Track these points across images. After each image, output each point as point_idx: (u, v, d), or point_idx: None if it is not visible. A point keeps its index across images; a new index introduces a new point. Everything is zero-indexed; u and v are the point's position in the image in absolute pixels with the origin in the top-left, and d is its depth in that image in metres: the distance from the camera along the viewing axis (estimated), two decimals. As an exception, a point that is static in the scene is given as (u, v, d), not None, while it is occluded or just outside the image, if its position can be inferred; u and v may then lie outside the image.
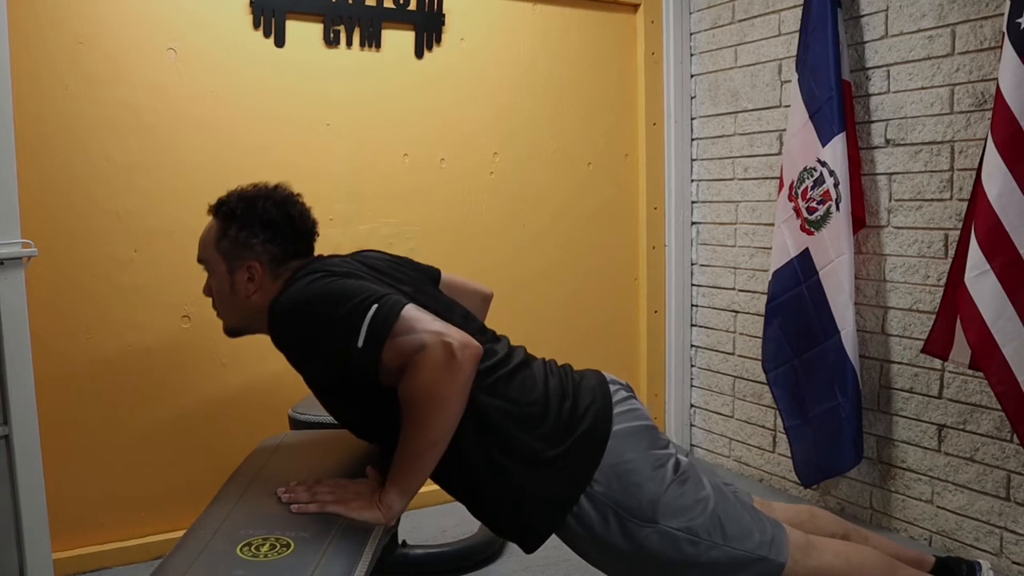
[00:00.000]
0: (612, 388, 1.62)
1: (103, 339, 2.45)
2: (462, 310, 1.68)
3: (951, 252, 2.37)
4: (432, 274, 1.80)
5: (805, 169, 2.63)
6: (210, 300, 1.68)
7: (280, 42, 2.61)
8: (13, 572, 2.19)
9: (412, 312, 1.40)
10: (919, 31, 2.44)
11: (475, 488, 1.56)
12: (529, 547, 1.58)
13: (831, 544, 1.63)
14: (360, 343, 1.38)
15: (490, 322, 1.93)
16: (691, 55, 3.30)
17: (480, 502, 1.59)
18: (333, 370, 1.47)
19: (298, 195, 1.69)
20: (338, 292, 1.44)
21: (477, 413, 1.48)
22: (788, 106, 2.81)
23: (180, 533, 1.78)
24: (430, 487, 2.90)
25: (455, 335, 1.38)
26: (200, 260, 1.66)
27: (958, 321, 2.16)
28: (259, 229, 1.60)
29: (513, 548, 2.56)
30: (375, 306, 1.39)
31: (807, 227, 2.64)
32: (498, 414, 1.51)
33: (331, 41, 2.68)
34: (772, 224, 2.88)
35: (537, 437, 1.51)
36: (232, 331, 1.69)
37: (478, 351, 1.40)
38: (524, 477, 1.51)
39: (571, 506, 1.50)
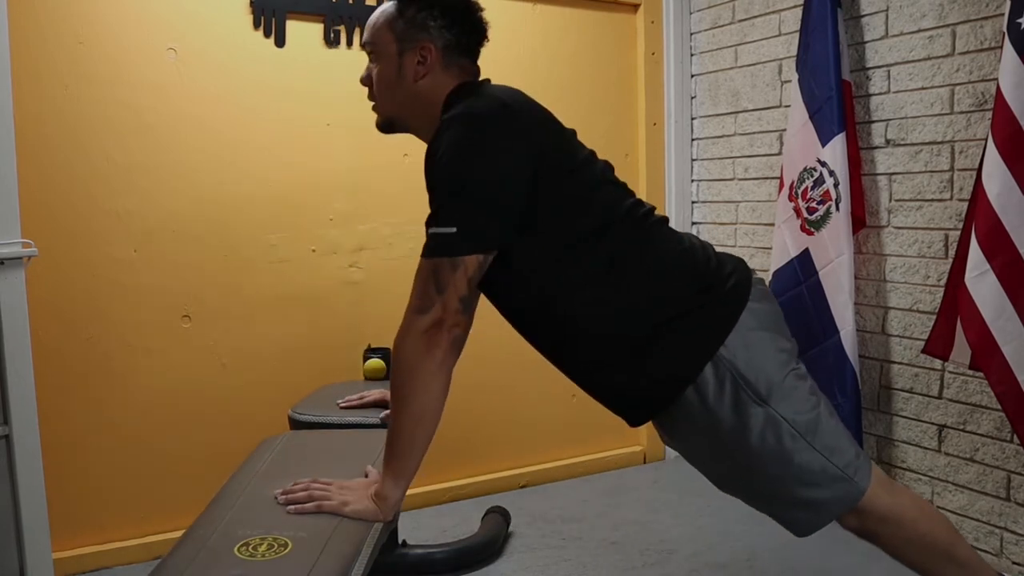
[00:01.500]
0: (752, 270, 1.62)
1: (103, 339, 2.45)
2: (611, 165, 1.69)
3: (951, 252, 2.37)
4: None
5: (805, 169, 2.63)
6: (366, 92, 1.64)
7: (280, 42, 2.61)
8: (13, 572, 2.19)
9: (461, 274, 1.40)
10: (919, 31, 2.44)
11: (607, 346, 1.52)
12: (646, 414, 1.55)
13: (910, 493, 1.63)
14: (427, 226, 1.42)
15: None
16: (691, 55, 3.30)
17: (607, 369, 1.54)
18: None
19: None
20: (477, 167, 1.42)
21: (631, 254, 1.49)
22: (788, 106, 2.81)
23: (180, 533, 1.78)
24: (429, 487, 2.92)
25: (452, 320, 1.40)
26: (366, 43, 1.62)
27: (958, 321, 2.16)
28: (439, 12, 1.56)
29: (513, 548, 2.56)
30: (455, 229, 1.39)
31: (807, 227, 2.64)
32: (651, 256, 1.51)
33: (331, 41, 2.68)
34: (772, 224, 2.88)
35: (682, 286, 1.51)
36: (386, 122, 1.66)
37: (460, 337, 1.42)
38: (662, 332, 1.48)
39: (701, 365, 1.46)
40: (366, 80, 1.64)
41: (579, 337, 1.52)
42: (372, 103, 1.65)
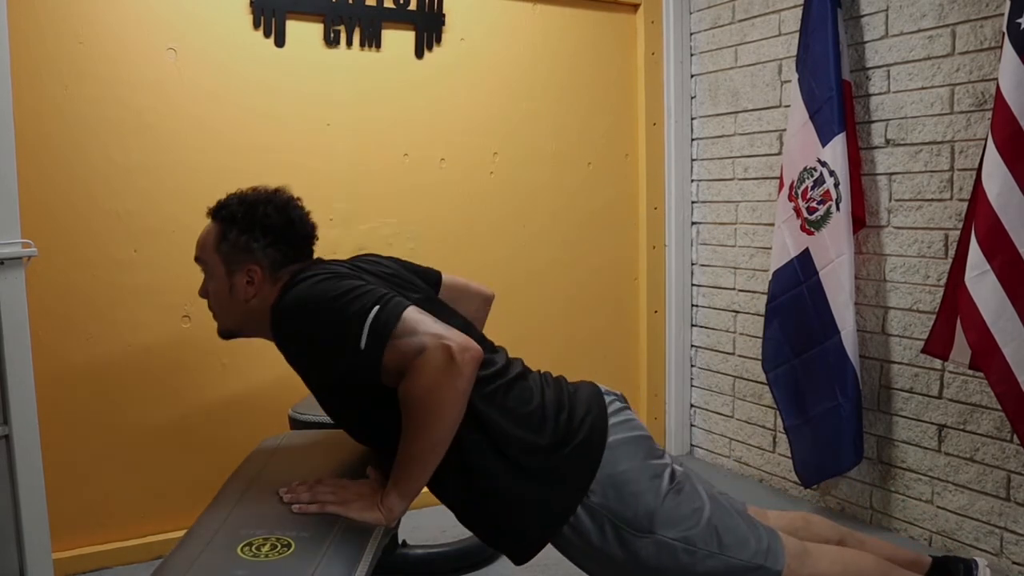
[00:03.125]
0: (607, 399, 1.63)
1: (103, 339, 2.45)
2: (462, 319, 1.68)
3: (951, 252, 2.37)
4: (432, 277, 1.80)
5: (805, 169, 2.63)
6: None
7: (280, 42, 2.61)
8: (13, 572, 2.18)
9: (414, 314, 1.40)
10: (919, 31, 2.44)
11: (469, 496, 1.55)
12: (521, 558, 1.58)
13: (827, 551, 1.64)
14: (362, 344, 1.38)
15: (490, 322, 1.93)
16: (691, 55, 3.30)
17: (474, 510, 1.58)
18: (335, 371, 1.47)
19: (298, 199, 1.69)
20: (341, 292, 1.44)
21: (475, 422, 1.48)
22: (788, 106, 2.81)
23: (180, 533, 1.78)
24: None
25: (456, 338, 1.38)
26: (198, 260, 1.66)
27: (958, 321, 2.16)
28: (260, 234, 1.59)
29: (513, 548, 2.56)
30: (376, 307, 1.39)
31: (807, 227, 2.64)
32: (496, 423, 1.50)
33: (331, 41, 2.68)
34: (772, 224, 2.88)
35: (534, 448, 1.51)
36: (227, 333, 1.68)
37: (478, 354, 1.40)
38: (520, 487, 1.50)
39: (567, 517, 1.50)
40: (203, 294, 1.67)
41: (452, 478, 1.52)
42: (212, 314, 1.68)
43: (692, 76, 3.31)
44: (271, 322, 1.51)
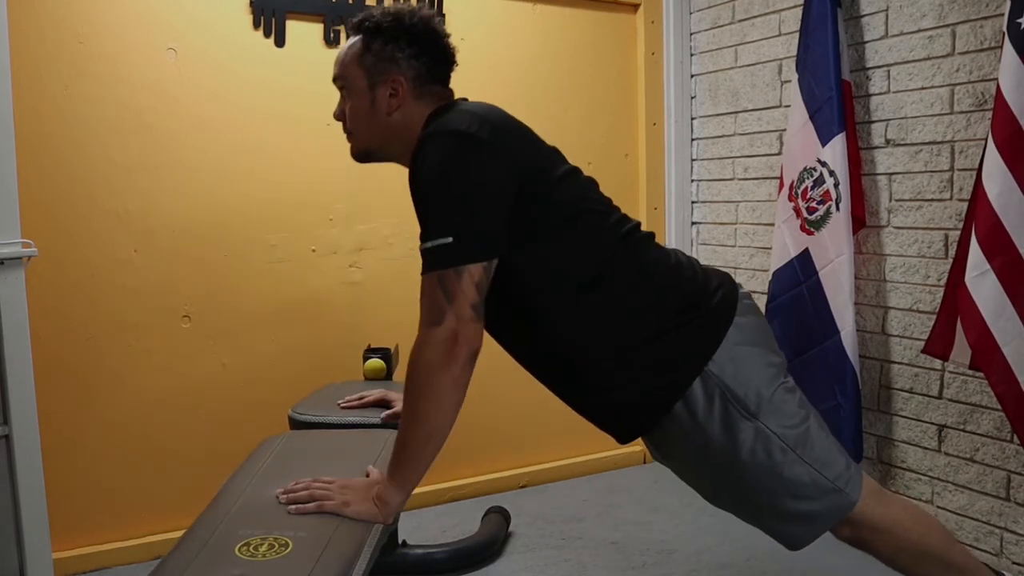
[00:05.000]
0: (738, 285, 1.62)
1: (103, 339, 2.45)
2: (595, 181, 1.64)
3: (951, 252, 2.37)
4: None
5: (805, 169, 2.63)
6: (340, 125, 1.62)
7: (280, 42, 2.61)
8: (13, 572, 2.19)
9: (468, 280, 1.38)
10: (919, 31, 2.44)
11: (595, 362, 1.51)
12: (635, 431, 1.55)
13: (899, 499, 1.64)
14: (422, 247, 1.41)
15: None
16: (691, 55, 3.30)
17: (595, 386, 1.54)
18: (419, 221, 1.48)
19: (441, 16, 1.65)
20: (466, 180, 1.41)
21: (619, 273, 1.48)
22: (788, 106, 2.81)
23: (180, 533, 1.78)
24: (430, 487, 2.91)
25: (468, 330, 1.38)
26: (336, 78, 1.60)
27: (958, 321, 2.16)
28: (406, 43, 1.55)
29: (513, 548, 2.56)
30: (451, 239, 1.38)
31: (807, 227, 2.64)
32: (638, 273, 1.50)
33: (331, 41, 2.68)
34: (772, 224, 2.88)
35: (670, 302, 1.50)
36: (363, 153, 1.63)
37: (476, 349, 1.40)
38: (650, 348, 1.48)
39: (690, 380, 1.46)
40: (339, 115, 1.63)
41: (566, 354, 1.52)
42: (347, 135, 1.64)
43: (692, 76, 3.31)
44: (416, 147, 1.47)
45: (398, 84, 1.55)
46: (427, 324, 1.39)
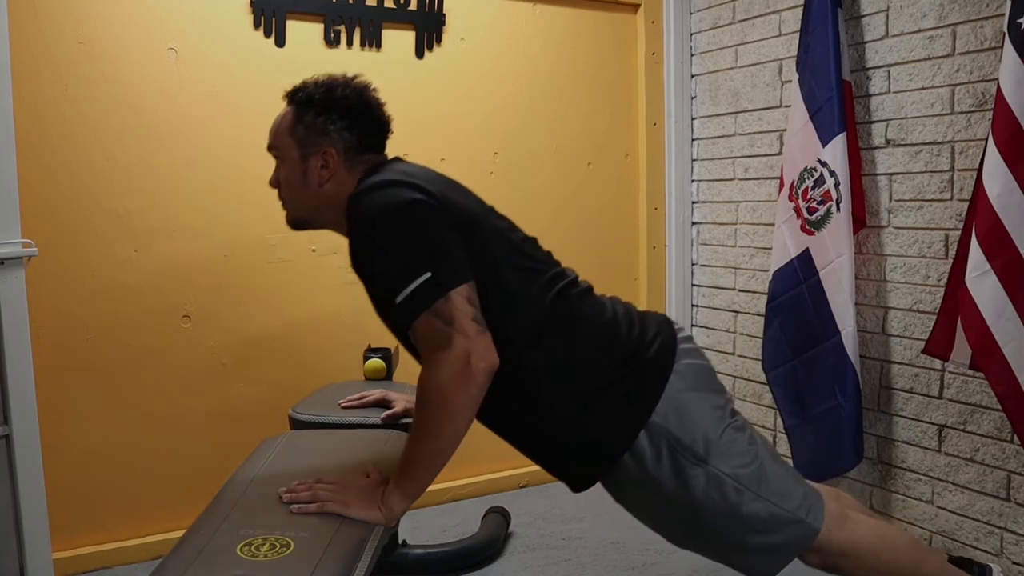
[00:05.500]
0: (676, 327, 1.62)
1: (103, 339, 2.45)
2: (532, 240, 1.65)
3: (951, 252, 2.37)
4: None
5: (805, 169, 2.63)
6: (275, 192, 1.63)
7: (280, 42, 2.61)
8: (13, 572, 2.19)
9: (459, 300, 1.37)
10: (919, 31, 2.44)
11: (537, 420, 1.52)
12: (583, 482, 1.55)
13: (864, 520, 1.63)
14: (399, 299, 1.37)
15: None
16: (691, 55, 3.30)
17: (540, 435, 1.55)
18: (378, 294, 1.47)
19: (374, 88, 1.65)
20: (413, 229, 1.40)
21: (552, 332, 1.48)
22: (788, 106, 2.81)
23: (180, 533, 1.77)
24: (430, 487, 2.91)
25: (479, 344, 1.37)
26: (271, 147, 1.62)
27: (958, 321, 2.16)
28: (337, 115, 1.56)
29: (513, 548, 2.56)
30: (429, 274, 1.36)
31: (807, 227, 2.64)
32: (573, 333, 1.50)
33: (331, 41, 2.68)
34: (772, 224, 2.88)
35: (607, 359, 1.50)
36: (297, 221, 1.64)
37: (494, 365, 1.39)
38: (591, 403, 1.49)
39: (634, 434, 1.47)
40: (274, 183, 1.64)
41: (511, 407, 1.51)
42: (281, 203, 1.65)
43: (692, 76, 3.31)
44: (347, 210, 1.47)
45: (329, 156, 1.56)
46: (434, 351, 1.36)
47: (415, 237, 1.40)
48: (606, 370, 1.50)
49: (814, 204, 2.60)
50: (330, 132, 1.56)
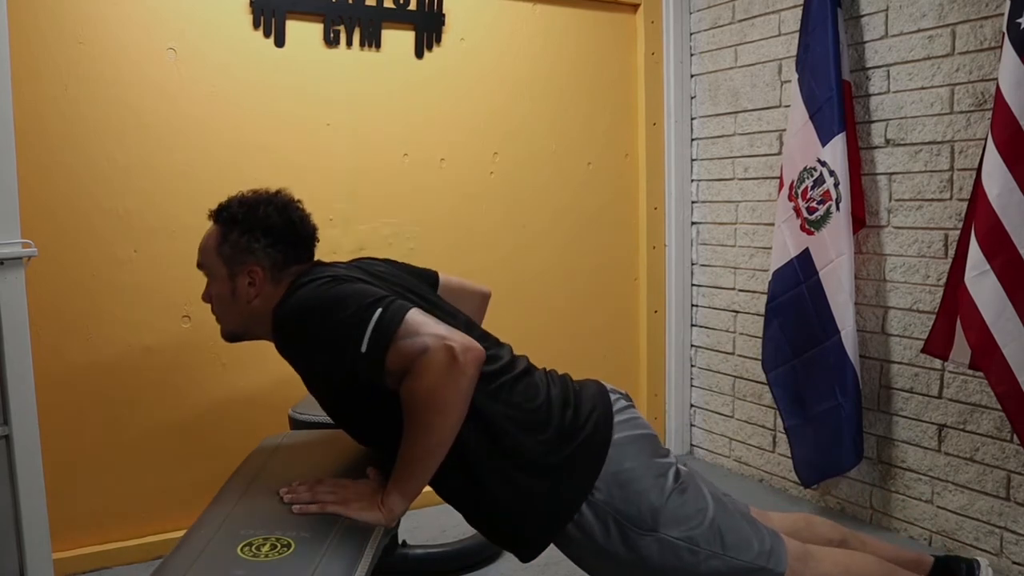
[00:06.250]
0: (612, 397, 1.63)
1: (103, 339, 2.45)
2: (465, 317, 1.68)
3: (951, 252, 2.37)
4: (430, 277, 1.81)
5: (805, 169, 2.63)
6: (209, 306, 1.68)
7: (280, 42, 2.61)
8: (13, 572, 2.19)
9: (416, 316, 1.40)
10: (919, 31, 2.44)
11: (474, 494, 1.55)
12: (527, 556, 1.58)
13: (829, 553, 1.64)
14: (364, 347, 1.38)
15: (489, 321, 1.93)
16: (691, 55, 3.30)
17: (479, 509, 1.58)
18: (336, 373, 1.47)
19: (298, 201, 1.69)
20: (343, 296, 1.44)
21: (480, 418, 1.48)
22: (788, 106, 2.81)
23: (180, 533, 1.78)
24: (430, 487, 2.91)
25: (458, 338, 1.38)
26: (200, 265, 1.66)
27: (958, 321, 2.16)
28: (261, 234, 1.60)
29: (513, 548, 2.56)
30: (379, 310, 1.39)
31: (807, 227, 2.64)
32: (501, 419, 1.51)
33: (331, 41, 2.68)
34: (772, 224, 2.88)
35: (539, 443, 1.51)
36: (231, 336, 1.69)
37: (481, 355, 1.40)
38: (526, 483, 1.50)
39: (572, 513, 1.50)
40: (206, 298, 1.67)
41: (454, 477, 1.52)
42: (215, 317, 1.68)
43: (692, 76, 3.31)
44: (272, 326, 1.51)
45: (255, 274, 1.59)
46: (417, 356, 1.36)
47: (348, 300, 1.43)
48: (540, 452, 1.51)
49: (814, 204, 2.60)
50: (255, 250, 1.59)
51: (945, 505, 2.48)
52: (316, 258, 1.71)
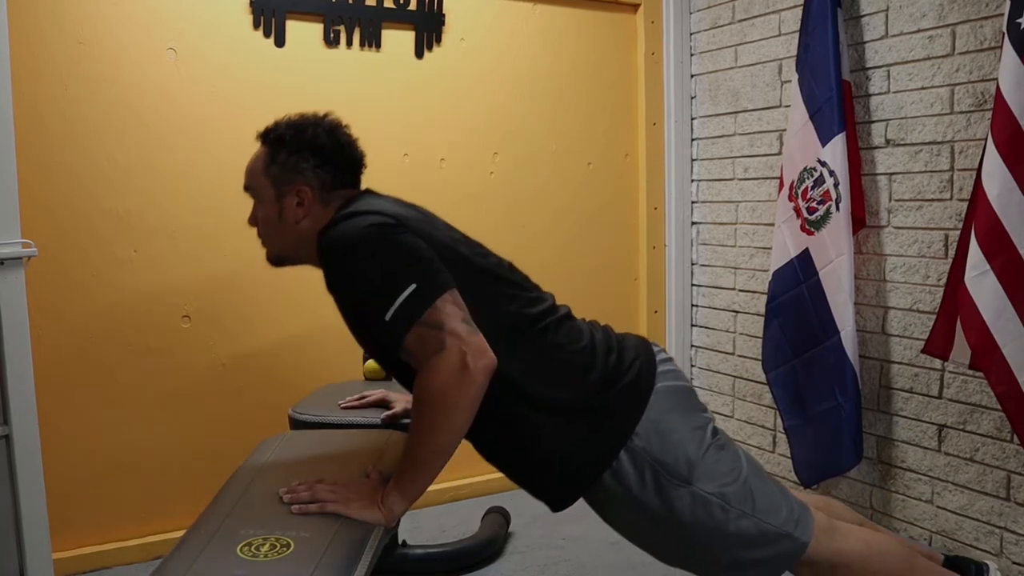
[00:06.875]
0: (655, 349, 1.63)
1: (103, 339, 2.45)
2: (508, 262, 1.66)
3: (951, 252, 2.37)
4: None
5: (805, 169, 2.63)
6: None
7: (280, 42, 2.61)
8: (13, 572, 2.19)
9: (446, 304, 1.38)
10: (919, 31, 2.44)
11: (515, 440, 1.53)
12: (561, 503, 1.56)
13: (853, 530, 1.64)
14: (388, 317, 1.37)
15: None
16: (691, 55, 3.31)
17: (517, 454, 1.56)
18: (363, 319, 1.48)
19: (346, 125, 1.67)
20: (389, 248, 1.42)
21: (524, 360, 1.48)
22: (788, 106, 2.81)
23: (180, 533, 1.78)
24: (431, 487, 2.91)
25: (474, 343, 1.37)
26: (247, 188, 1.64)
27: (958, 321, 2.16)
28: (309, 154, 1.59)
29: (513, 548, 2.56)
30: (414, 285, 1.38)
31: (807, 227, 2.64)
32: (546, 360, 1.50)
33: (331, 41, 2.68)
34: (772, 224, 2.88)
35: (584, 385, 1.51)
36: (276, 259, 1.67)
37: (492, 363, 1.39)
38: (568, 426, 1.49)
39: (611, 459, 1.48)
40: (252, 221, 1.66)
41: (489, 425, 1.51)
42: (260, 240, 1.67)
43: (692, 76, 3.31)
44: (318, 244, 1.49)
45: (303, 194, 1.58)
46: (429, 357, 1.36)
47: (393, 255, 1.42)
48: (583, 395, 1.51)
49: (814, 204, 2.60)
50: (304, 171, 1.59)
51: (945, 505, 2.48)
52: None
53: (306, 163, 1.58)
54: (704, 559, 1.57)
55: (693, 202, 3.35)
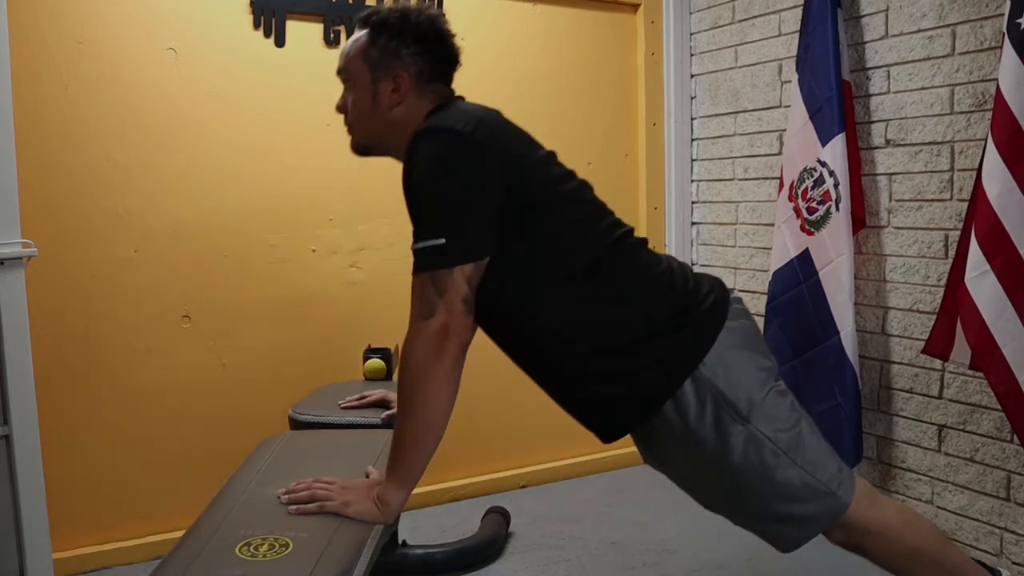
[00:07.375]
0: (728, 289, 1.63)
1: (103, 339, 2.45)
2: (589, 194, 1.68)
3: (951, 252, 2.37)
4: None
5: (805, 169, 2.63)
6: (341, 118, 1.63)
7: (280, 42, 2.61)
8: (13, 572, 2.19)
9: (459, 277, 1.40)
10: (919, 31, 2.44)
11: (584, 353, 1.51)
12: (620, 427, 1.54)
13: (892, 502, 1.64)
14: (413, 248, 1.42)
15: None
16: (691, 55, 3.31)
17: (585, 370, 1.53)
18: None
19: (447, 18, 1.66)
20: (452, 186, 1.43)
21: (608, 275, 1.50)
22: (788, 106, 2.81)
23: (180, 533, 1.78)
24: (430, 487, 2.91)
25: (458, 324, 1.39)
26: (340, 71, 1.62)
27: (958, 321, 2.16)
28: (411, 40, 1.57)
29: (513, 548, 2.56)
30: (443, 240, 1.39)
31: (807, 227, 2.64)
32: (629, 278, 1.51)
33: (331, 41, 2.68)
34: (772, 224, 2.88)
35: (661, 306, 1.51)
36: (361, 147, 1.65)
37: (465, 343, 1.42)
38: (642, 345, 1.49)
39: (680, 380, 1.47)
40: (341, 107, 1.64)
41: (556, 351, 1.52)
42: (347, 128, 1.65)
43: (692, 76, 3.31)
44: (411, 143, 1.48)
45: (401, 80, 1.56)
46: (418, 318, 1.41)
47: (446, 198, 1.43)
48: (658, 317, 1.51)
49: (814, 204, 2.60)
50: (403, 56, 1.57)
51: (945, 505, 2.48)
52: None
53: (406, 48, 1.56)
54: (744, 505, 1.55)
55: (693, 202, 3.35)
